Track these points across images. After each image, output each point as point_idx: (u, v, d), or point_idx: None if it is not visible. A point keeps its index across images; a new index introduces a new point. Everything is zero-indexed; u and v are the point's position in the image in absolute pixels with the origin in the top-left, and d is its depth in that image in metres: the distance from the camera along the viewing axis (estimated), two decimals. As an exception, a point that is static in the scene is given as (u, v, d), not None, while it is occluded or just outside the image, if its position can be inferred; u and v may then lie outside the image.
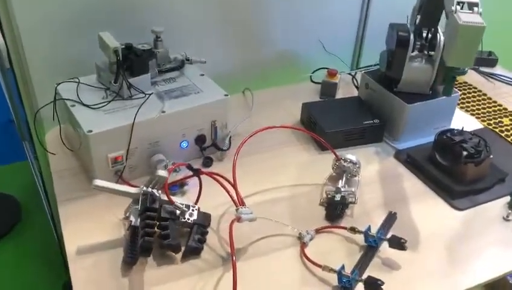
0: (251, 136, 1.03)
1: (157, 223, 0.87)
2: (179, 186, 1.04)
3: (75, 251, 0.90)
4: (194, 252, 0.89)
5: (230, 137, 1.17)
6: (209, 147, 1.14)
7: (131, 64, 1.06)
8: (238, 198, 0.91)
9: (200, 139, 1.12)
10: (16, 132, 1.26)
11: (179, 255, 0.89)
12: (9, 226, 1.88)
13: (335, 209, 1.00)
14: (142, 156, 1.06)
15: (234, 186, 0.92)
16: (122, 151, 1.02)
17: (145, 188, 0.88)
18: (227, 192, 0.91)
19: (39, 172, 1.57)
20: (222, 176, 0.94)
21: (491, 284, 0.94)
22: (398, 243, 0.89)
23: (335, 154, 1.08)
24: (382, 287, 0.81)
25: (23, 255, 1.75)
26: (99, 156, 1.00)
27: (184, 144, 1.11)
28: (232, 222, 0.84)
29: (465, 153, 1.06)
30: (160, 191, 0.89)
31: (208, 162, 1.13)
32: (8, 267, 1.70)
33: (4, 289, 1.62)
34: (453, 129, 1.13)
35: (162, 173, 0.87)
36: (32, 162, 1.55)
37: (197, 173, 0.96)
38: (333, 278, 0.85)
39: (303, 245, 0.93)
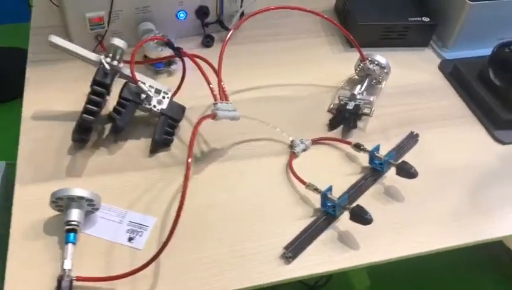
0: (257, 13, 0.82)
1: (118, 101, 0.73)
2: (164, 64, 0.88)
3: (30, 117, 0.79)
4: (160, 145, 0.76)
5: (242, 14, 0.97)
6: (213, 24, 0.95)
7: None
8: (220, 90, 0.74)
9: (201, 12, 0.93)
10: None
11: (141, 146, 0.76)
12: (21, 88, 1.82)
13: (344, 120, 0.81)
14: (128, 21, 0.89)
15: (218, 74, 0.75)
16: (104, 12, 0.86)
17: (102, 58, 0.72)
18: (208, 83, 0.74)
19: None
20: (206, 60, 0.77)
21: None
22: (406, 171, 0.70)
23: (360, 52, 0.87)
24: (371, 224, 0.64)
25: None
26: (75, 14, 0.85)
27: (181, 15, 0.92)
28: (204, 117, 0.68)
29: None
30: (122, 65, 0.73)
31: (208, 41, 0.95)
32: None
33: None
34: (521, 42, 0.87)
35: (117, 42, 0.70)
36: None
37: (178, 52, 0.79)
38: (318, 200, 0.69)
39: (292, 155, 0.76)
